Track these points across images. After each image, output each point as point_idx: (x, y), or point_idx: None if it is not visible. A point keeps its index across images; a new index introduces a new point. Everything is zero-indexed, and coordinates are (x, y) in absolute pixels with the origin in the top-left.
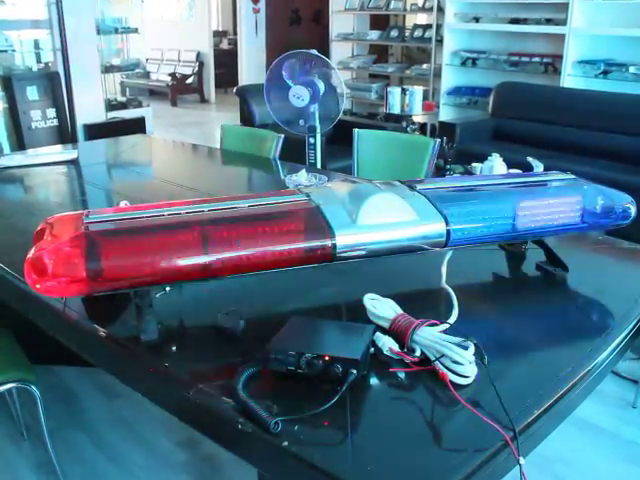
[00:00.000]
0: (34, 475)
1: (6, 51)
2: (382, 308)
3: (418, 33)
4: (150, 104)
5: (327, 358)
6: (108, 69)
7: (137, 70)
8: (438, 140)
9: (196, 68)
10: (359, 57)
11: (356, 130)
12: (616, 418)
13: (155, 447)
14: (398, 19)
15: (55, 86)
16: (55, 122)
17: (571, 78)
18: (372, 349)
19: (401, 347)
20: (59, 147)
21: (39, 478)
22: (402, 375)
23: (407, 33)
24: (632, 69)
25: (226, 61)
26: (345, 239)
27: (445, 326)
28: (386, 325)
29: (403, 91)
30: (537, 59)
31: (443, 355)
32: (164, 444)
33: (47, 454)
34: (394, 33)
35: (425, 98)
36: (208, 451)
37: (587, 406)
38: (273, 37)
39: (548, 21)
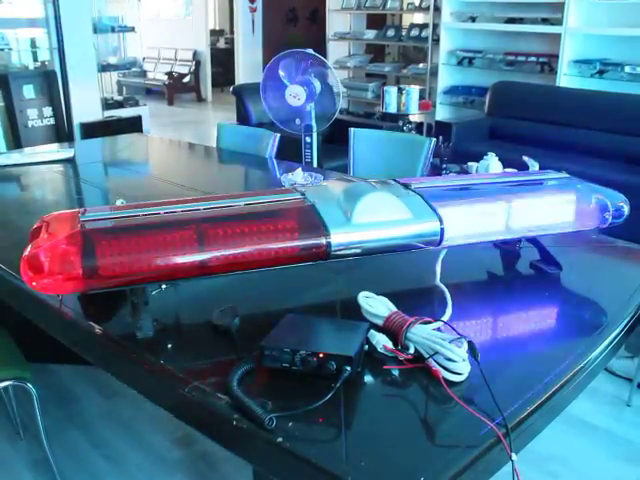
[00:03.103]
0: (30, 473)
1: (3, 49)
2: (376, 306)
3: (415, 32)
4: (147, 103)
5: (321, 355)
6: (105, 68)
7: (134, 69)
8: (434, 139)
9: (193, 67)
10: (356, 56)
11: (352, 129)
12: (610, 416)
13: (151, 445)
14: (395, 18)
15: (52, 85)
16: (52, 121)
17: (567, 78)
18: (366, 346)
19: (395, 344)
20: (56, 146)
21: (35, 476)
22: (396, 372)
23: (404, 32)
24: (627, 69)
25: (223, 60)
26: (340, 237)
27: (439, 324)
28: (380, 323)
29: (400, 90)
30: (533, 58)
31: (436, 352)
32: (160, 442)
33: (43, 452)
34: (391, 32)
35: (421, 97)
36: (204, 449)
37: (582, 404)
38: (270, 36)
39: (544, 21)
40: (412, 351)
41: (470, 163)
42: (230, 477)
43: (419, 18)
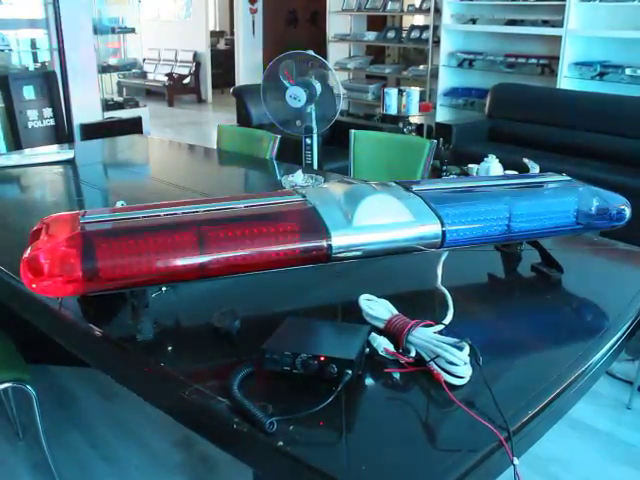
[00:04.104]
0: (29, 475)
1: (3, 50)
2: (377, 309)
3: (415, 34)
4: (147, 104)
5: (322, 358)
6: (105, 69)
7: (134, 70)
8: (434, 141)
9: (193, 68)
10: (356, 58)
11: (352, 131)
12: (611, 419)
13: (151, 447)
14: (395, 20)
15: (52, 86)
16: (52, 122)
17: (567, 80)
18: (367, 349)
19: (396, 348)
20: (56, 147)
21: (34, 478)
22: (397, 375)
23: (404, 34)
24: (628, 71)
25: (223, 61)
26: (341, 240)
27: (440, 327)
28: (381, 326)
29: (400, 92)
30: (533, 60)
31: (438, 356)
32: (160, 444)
33: (42, 454)
34: (391, 34)
35: (422, 99)
36: (204, 451)
37: (582, 407)
38: (270, 37)
39: (544, 23)
40: (413, 354)
41: (470, 165)
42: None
43: (419, 20)
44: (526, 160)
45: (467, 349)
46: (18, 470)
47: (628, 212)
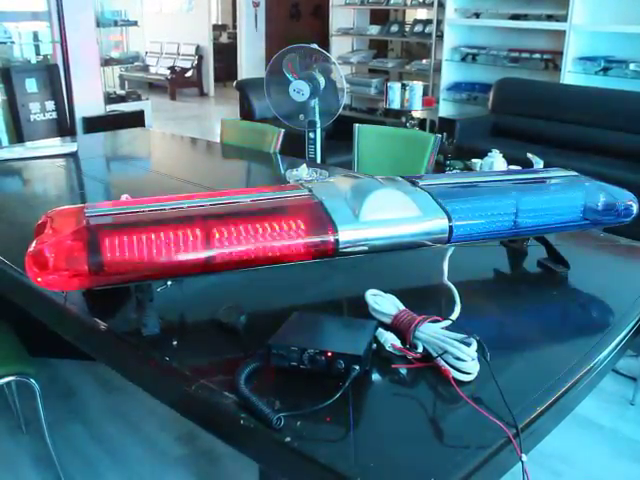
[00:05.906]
0: (33, 468)
1: (5, 43)
2: (384, 304)
3: (418, 28)
4: (149, 97)
5: (329, 354)
6: (107, 62)
7: (136, 63)
8: (439, 136)
9: (195, 62)
10: (359, 52)
11: (357, 125)
12: (614, 415)
13: (154, 441)
14: (398, 14)
15: (54, 78)
16: (54, 115)
17: (571, 75)
18: (374, 345)
19: (403, 343)
20: (58, 140)
21: (38, 471)
22: (404, 371)
23: (407, 28)
24: (632, 66)
25: (225, 55)
26: (348, 234)
27: (447, 322)
28: (388, 321)
29: (403, 86)
30: (537, 55)
31: (445, 351)
32: (163, 438)
33: (46, 447)
34: (394, 28)
35: (425, 94)
36: (207, 445)
37: (586, 403)
38: (273, 31)
39: (549, 17)
40: (421, 350)
41: (474, 160)
42: (233, 474)
43: (423, 14)
44: (530, 155)
45: (475, 345)
46: (21, 463)
47: (636, 208)
